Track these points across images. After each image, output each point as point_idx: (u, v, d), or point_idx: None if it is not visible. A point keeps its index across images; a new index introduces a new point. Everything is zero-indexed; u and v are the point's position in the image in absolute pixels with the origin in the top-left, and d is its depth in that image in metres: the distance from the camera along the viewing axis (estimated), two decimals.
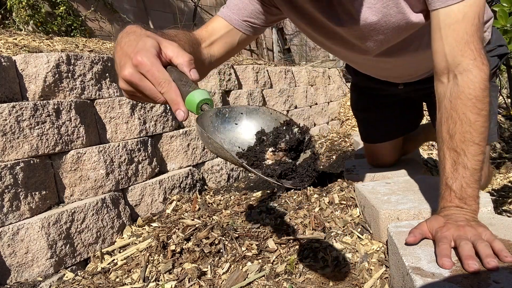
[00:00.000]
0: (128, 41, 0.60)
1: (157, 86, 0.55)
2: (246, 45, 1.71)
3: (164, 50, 0.59)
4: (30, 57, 1.38)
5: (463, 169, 0.79)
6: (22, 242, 1.16)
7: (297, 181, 0.57)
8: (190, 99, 0.55)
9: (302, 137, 0.60)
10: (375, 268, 0.98)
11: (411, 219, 1.02)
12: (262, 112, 0.64)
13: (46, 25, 3.24)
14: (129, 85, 0.58)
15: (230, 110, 0.64)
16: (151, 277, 1.12)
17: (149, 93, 0.56)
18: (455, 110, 0.81)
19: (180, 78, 0.57)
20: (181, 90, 0.56)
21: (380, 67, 1.24)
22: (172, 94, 0.54)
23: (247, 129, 0.64)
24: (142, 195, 1.60)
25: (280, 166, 0.58)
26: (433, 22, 0.83)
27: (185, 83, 0.57)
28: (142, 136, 1.69)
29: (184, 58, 0.58)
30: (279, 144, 0.60)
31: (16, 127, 1.21)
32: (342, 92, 4.32)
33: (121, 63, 0.58)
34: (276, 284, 0.99)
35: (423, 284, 0.65)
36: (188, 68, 0.58)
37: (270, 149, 0.60)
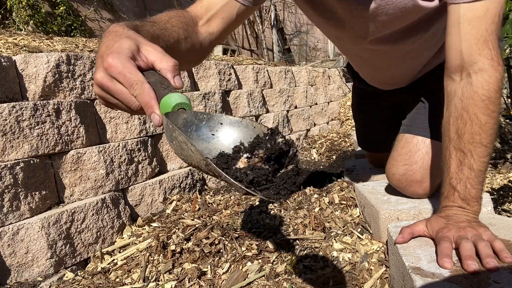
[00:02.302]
0: (106, 41, 0.56)
1: (129, 88, 0.50)
2: (246, 18, 1.63)
3: (146, 53, 0.54)
4: (30, 57, 1.38)
5: (469, 170, 0.78)
6: (22, 242, 1.16)
7: (272, 192, 0.48)
8: (165, 101, 0.48)
9: (286, 148, 0.51)
10: (375, 268, 0.98)
11: (411, 219, 1.02)
12: (244, 125, 0.55)
13: (46, 25, 3.24)
14: (102, 89, 0.53)
15: (209, 118, 0.55)
16: (151, 277, 1.12)
17: (121, 98, 0.51)
18: (466, 110, 0.79)
19: (161, 82, 0.51)
20: (159, 93, 0.50)
21: (373, 64, 1.21)
22: (145, 96, 0.49)
23: (224, 142, 0.54)
24: (142, 195, 1.60)
25: (253, 172, 0.48)
26: (451, 16, 0.80)
27: (165, 87, 0.51)
28: (142, 136, 1.69)
29: (168, 63, 0.52)
30: (256, 151, 0.51)
31: (16, 127, 1.21)
32: (342, 92, 4.32)
33: (96, 66, 0.54)
34: (276, 284, 0.99)
35: (423, 284, 0.65)
36: (172, 74, 0.52)
37: (245, 155, 0.51)
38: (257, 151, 0.51)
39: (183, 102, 0.49)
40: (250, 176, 0.47)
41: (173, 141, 0.48)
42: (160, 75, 0.53)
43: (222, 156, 0.52)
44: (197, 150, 0.44)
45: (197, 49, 0.88)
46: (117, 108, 0.55)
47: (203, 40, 0.89)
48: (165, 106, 0.48)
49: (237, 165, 0.50)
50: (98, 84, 0.53)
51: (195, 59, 0.95)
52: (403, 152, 1.14)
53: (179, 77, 0.53)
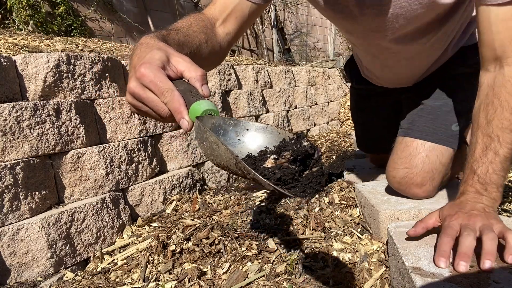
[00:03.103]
0: (138, 53, 0.59)
1: (160, 96, 0.53)
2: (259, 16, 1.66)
3: (175, 64, 0.57)
4: (30, 57, 1.38)
5: (494, 155, 0.77)
6: (22, 242, 1.16)
7: (298, 190, 0.50)
8: (194, 108, 0.51)
9: (311, 151, 0.53)
10: (375, 268, 0.98)
11: (411, 219, 1.02)
12: (269, 131, 0.58)
13: (46, 25, 3.24)
14: (134, 98, 0.56)
15: (236, 123, 0.57)
16: (151, 277, 1.12)
17: (152, 105, 0.54)
18: (497, 97, 0.81)
19: (190, 90, 0.54)
20: (187, 100, 0.53)
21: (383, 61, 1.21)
22: (175, 103, 0.52)
23: (250, 147, 0.57)
24: (142, 195, 1.60)
25: (281, 171, 0.51)
26: (482, 16, 0.83)
27: (194, 95, 0.53)
28: (142, 136, 1.69)
29: (196, 73, 0.56)
30: (283, 152, 0.53)
31: (16, 127, 1.21)
32: (342, 92, 4.32)
33: (129, 76, 0.58)
34: (276, 284, 0.99)
35: (423, 284, 0.65)
36: (200, 83, 0.55)
37: (272, 156, 0.54)
38: (283, 152, 0.53)
39: (211, 108, 0.52)
40: (277, 175, 0.50)
41: (203, 142, 0.50)
42: (189, 84, 0.55)
43: (250, 157, 0.54)
44: (227, 149, 0.46)
45: (217, 50, 0.91)
46: (148, 116, 0.58)
47: (222, 41, 0.93)
48: (194, 112, 0.51)
49: (264, 165, 0.53)
50: (131, 93, 0.56)
51: (216, 61, 0.98)
52: (403, 155, 1.15)
53: (207, 86, 0.56)
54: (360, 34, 1.12)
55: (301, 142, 0.54)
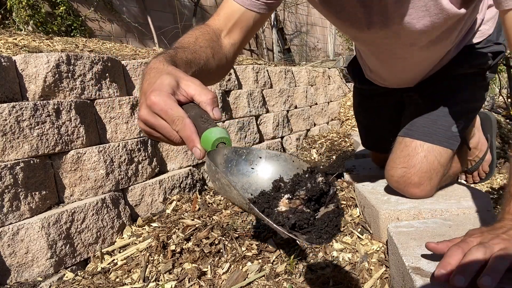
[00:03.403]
0: (148, 78, 0.60)
1: (171, 124, 0.53)
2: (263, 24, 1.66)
3: (185, 88, 0.57)
4: (30, 57, 1.38)
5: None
6: (22, 242, 1.16)
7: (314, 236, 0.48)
8: (206, 136, 0.51)
9: (326, 188, 0.51)
10: (375, 268, 0.98)
11: (411, 219, 1.02)
12: (283, 159, 0.56)
13: (46, 25, 3.24)
14: (146, 125, 0.57)
15: (248, 152, 0.57)
16: (151, 277, 1.12)
17: (164, 132, 0.55)
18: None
19: (201, 115, 0.54)
20: (199, 127, 0.52)
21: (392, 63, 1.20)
22: (187, 131, 0.52)
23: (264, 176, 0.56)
24: (142, 195, 1.60)
25: (295, 215, 0.49)
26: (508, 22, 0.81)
27: (205, 121, 0.53)
28: (142, 136, 1.69)
29: (207, 96, 0.56)
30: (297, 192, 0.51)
31: (16, 127, 1.21)
32: (342, 92, 4.32)
33: (139, 103, 0.58)
34: (276, 284, 0.99)
35: (423, 284, 0.65)
36: (211, 107, 0.55)
37: (286, 195, 0.52)
38: (298, 192, 0.51)
39: (223, 136, 0.52)
40: (292, 220, 0.48)
41: (215, 181, 0.50)
42: (199, 108, 0.55)
43: (264, 195, 0.53)
44: (239, 194, 0.46)
45: (223, 63, 0.91)
46: (160, 140, 0.59)
47: (228, 52, 0.93)
48: (206, 140, 0.51)
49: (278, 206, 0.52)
50: (142, 121, 0.56)
51: (222, 73, 0.98)
52: (402, 155, 1.15)
53: (218, 109, 0.56)
54: (368, 41, 1.12)
55: (316, 178, 0.52)
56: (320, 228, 0.49)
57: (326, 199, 0.52)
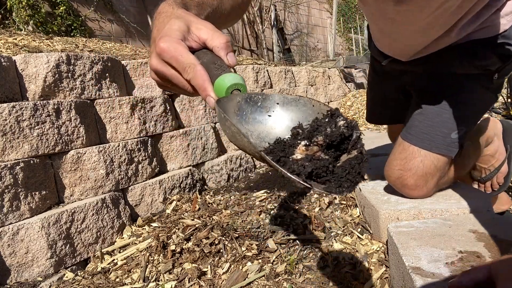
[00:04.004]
0: (157, 24, 0.56)
1: (183, 72, 0.49)
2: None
3: (197, 32, 0.52)
4: (30, 57, 1.38)
5: None
6: (22, 242, 1.16)
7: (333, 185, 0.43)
8: (219, 83, 0.47)
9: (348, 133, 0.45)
10: (375, 268, 0.98)
11: (411, 219, 1.02)
12: (302, 104, 0.51)
13: (46, 25, 3.24)
14: (157, 76, 0.53)
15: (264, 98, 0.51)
16: (151, 277, 1.12)
17: (176, 82, 0.51)
18: None
19: (214, 61, 0.50)
20: (212, 74, 0.49)
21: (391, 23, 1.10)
22: (198, 79, 0.48)
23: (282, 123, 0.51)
24: (142, 195, 1.60)
25: (312, 163, 0.44)
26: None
27: (218, 67, 0.49)
28: (142, 136, 1.69)
29: (220, 40, 0.51)
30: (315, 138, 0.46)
31: (16, 127, 1.21)
32: (342, 92, 4.32)
33: (150, 50, 0.53)
34: (276, 284, 0.99)
35: (423, 284, 0.65)
36: (224, 52, 0.51)
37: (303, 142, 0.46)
38: (316, 137, 0.46)
39: (237, 83, 0.48)
40: (308, 168, 0.43)
41: (226, 130, 0.46)
42: (212, 54, 0.52)
43: (279, 143, 0.48)
44: (250, 143, 0.42)
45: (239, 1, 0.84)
46: (174, 91, 0.55)
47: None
48: (219, 88, 0.48)
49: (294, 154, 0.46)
50: (153, 70, 0.53)
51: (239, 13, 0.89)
52: (400, 157, 1.16)
53: (232, 54, 0.52)
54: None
55: (336, 122, 0.46)
56: (340, 176, 0.44)
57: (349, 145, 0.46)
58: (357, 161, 0.45)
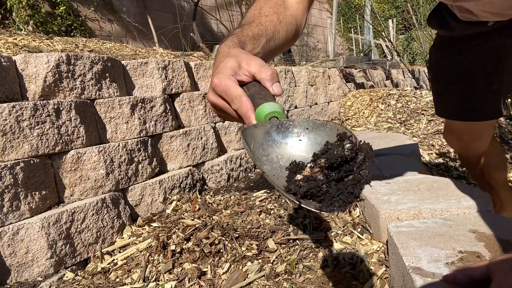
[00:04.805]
0: (216, 63, 0.65)
1: (231, 103, 0.57)
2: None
3: (247, 67, 0.60)
4: (30, 57, 1.38)
5: None
6: (22, 242, 1.16)
7: (325, 204, 0.47)
8: (258, 112, 0.54)
9: (351, 155, 0.49)
10: (375, 268, 0.98)
11: (411, 219, 1.02)
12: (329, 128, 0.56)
13: (46, 25, 3.24)
14: (212, 107, 0.62)
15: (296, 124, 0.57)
16: (151, 277, 1.12)
17: (227, 111, 0.59)
18: None
19: (259, 92, 0.57)
20: (256, 103, 0.55)
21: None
22: (243, 108, 0.55)
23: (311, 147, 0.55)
24: (142, 195, 1.60)
25: (308, 183, 0.48)
26: None
27: (263, 97, 0.55)
28: (142, 136, 1.69)
29: (266, 73, 0.59)
30: (319, 160, 0.51)
31: (16, 127, 1.21)
32: (342, 92, 4.32)
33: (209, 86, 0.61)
34: (276, 284, 0.99)
35: (423, 284, 0.65)
36: (270, 83, 0.58)
37: (309, 164, 0.51)
38: (319, 160, 0.51)
39: (274, 111, 0.54)
40: (304, 188, 0.48)
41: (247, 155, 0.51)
42: (260, 85, 0.59)
43: (292, 164, 0.53)
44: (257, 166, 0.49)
45: (292, 25, 0.89)
46: (228, 119, 0.63)
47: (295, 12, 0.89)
48: (258, 115, 0.54)
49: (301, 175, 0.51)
50: (209, 102, 0.62)
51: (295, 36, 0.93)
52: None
53: (278, 84, 0.59)
54: None
55: (343, 145, 0.50)
56: (332, 196, 0.47)
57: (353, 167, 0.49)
58: (352, 182, 0.48)
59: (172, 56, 2.66)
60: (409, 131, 2.95)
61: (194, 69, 2.19)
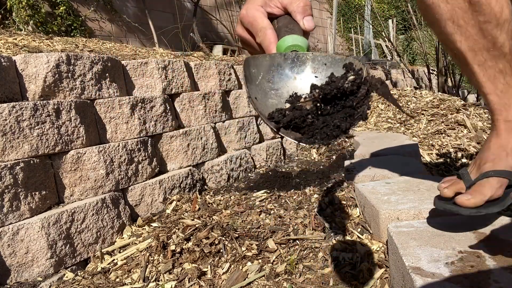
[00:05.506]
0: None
1: (256, 35, 0.54)
2: None
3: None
4: (30, 57, 1.38)
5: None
6: (22, 242, 1.16)
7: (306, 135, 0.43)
8: (279, 44, 0.50)
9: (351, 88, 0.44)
10: (375, 268, 0.98)
11: (411, 219, 1.02)
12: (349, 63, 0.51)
13: (46, 25, 3.24)
14: (240, 40, 0.59)
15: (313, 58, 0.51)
16: (151, 277, 1.12)
17: (252, 44, 0.56)
18: None
19: (287, 25, 0.53)
20: (280, 36, 0.51)
21: None
22: (265, 41, 0.52)
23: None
24: (142, 195, 1.60)
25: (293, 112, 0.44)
26: None
27: (289, 30, 0.51)
28: (142, 136, 1.69)
29: (298, 5, 0.54)
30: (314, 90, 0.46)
31: (16, 127, 1.21)
32: None
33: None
34: (276, 284, 0.99)
35: (423, 284, 0.65)
36: (301, 16, 0.54)
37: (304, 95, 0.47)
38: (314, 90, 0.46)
39: (295, 44, 0.50)
40: (288, 117, 0.44)
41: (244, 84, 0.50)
42: (290, 18, 0.54)
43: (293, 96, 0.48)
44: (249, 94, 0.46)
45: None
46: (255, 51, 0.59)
47: None
48: (279, 49, 0.50)
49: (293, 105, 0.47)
50: (237, 35, 0.59)
51: None
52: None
53: (310, 17, 0.54)
54: None
55: (347, 77, 0.45)
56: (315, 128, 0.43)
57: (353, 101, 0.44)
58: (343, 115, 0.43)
59: (172, 56, 2.66)
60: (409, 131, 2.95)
61: (194, 69, 2.19)
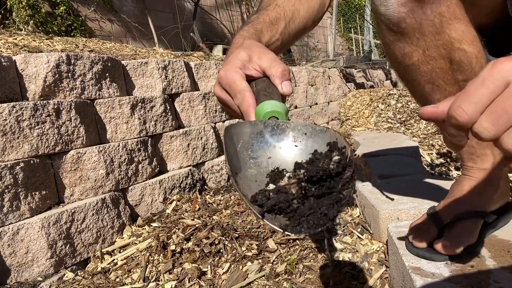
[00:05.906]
0: (228, 54, 0.61)
1: (234, 98, 0.53)
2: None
3: (258, 61, 0.56)
4: (30, 57, 1.38)
5: None
6: (22, 242, 1.16)
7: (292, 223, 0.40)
8: (258, 109, 0.49)
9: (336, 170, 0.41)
10: (375, 268, 0.98)
11: (411, 219, 1.02)
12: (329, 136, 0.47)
13: (46, 25, 3.24)
14: (218, 100, 0.58)
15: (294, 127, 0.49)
16: (151, 277, 1.12)
17: (231, 106, 0.55)
18: None
19: (266, 89, 0.52)
20: (259, 101, 0.50)
21: None
22: (244, 104, 0.51)
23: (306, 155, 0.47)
24: (142, 195, 1.60)
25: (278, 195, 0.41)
26: None
27: (268, 94, 0.50)
28: (142, 136, 1.69)
29: (276, 70, 0.54)
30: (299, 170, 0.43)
31: (16, 127, 1.21)
32: (342, 92, 4.32)
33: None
34: (276, 284, 0.99)
35: (423, 284, 0.65)
36: (279, 80, 0.53)
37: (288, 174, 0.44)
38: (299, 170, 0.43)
39: (274, 110, 0.48)
40: (272, 201, 0.41)
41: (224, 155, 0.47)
42: (269, 82, 0.54)
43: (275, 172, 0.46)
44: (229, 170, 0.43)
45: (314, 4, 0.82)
46: (231, 114, 0.59)
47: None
48: (258, 114, 0.49)
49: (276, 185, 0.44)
50: (214, 94, 0.58)
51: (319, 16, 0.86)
52: None
53: (288, 82, 0.54)
54: None
55: (331, 157, 0.42)
56: (301, 215, 0.40)
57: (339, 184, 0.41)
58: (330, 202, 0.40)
59: (172, 56, 2.66)
60: (409, 131, 2.95)
61: (194, 69, 2.19)
